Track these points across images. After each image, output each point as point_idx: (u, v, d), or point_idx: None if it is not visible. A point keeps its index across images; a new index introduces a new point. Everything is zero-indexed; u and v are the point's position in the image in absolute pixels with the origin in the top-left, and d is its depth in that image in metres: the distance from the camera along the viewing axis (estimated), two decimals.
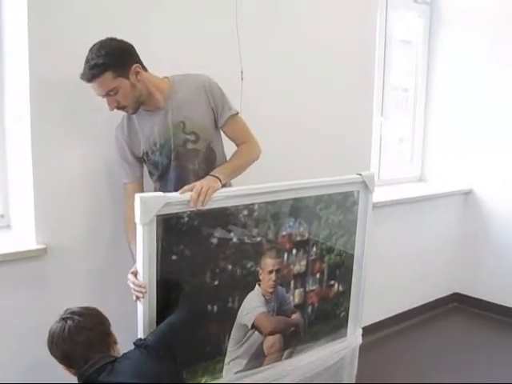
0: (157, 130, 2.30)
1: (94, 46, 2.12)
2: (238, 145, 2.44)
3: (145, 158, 2.35)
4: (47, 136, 2.40)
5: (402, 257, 4.11)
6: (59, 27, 2.37)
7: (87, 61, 2.10)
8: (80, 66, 2.15)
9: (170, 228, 2.06)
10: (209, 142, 2.37)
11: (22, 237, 2.50)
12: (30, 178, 2.39)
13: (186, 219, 2.10)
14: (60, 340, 1.90)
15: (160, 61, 2.57)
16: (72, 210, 2.50)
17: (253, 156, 2.43)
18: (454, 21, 4.42)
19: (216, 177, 2.20)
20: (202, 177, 2.23)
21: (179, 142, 2.30)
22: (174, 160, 2.31)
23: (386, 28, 4.11)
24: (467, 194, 4.48)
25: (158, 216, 2.00)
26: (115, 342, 1.98)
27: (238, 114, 2.42)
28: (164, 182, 2.36)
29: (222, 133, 2.46)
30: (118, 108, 2.20)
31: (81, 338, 1.88)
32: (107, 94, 2.15)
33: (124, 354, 1.97)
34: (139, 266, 2.02)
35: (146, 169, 2.45)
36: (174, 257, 2.10)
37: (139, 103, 2.24)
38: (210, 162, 2.38)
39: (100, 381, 1.82)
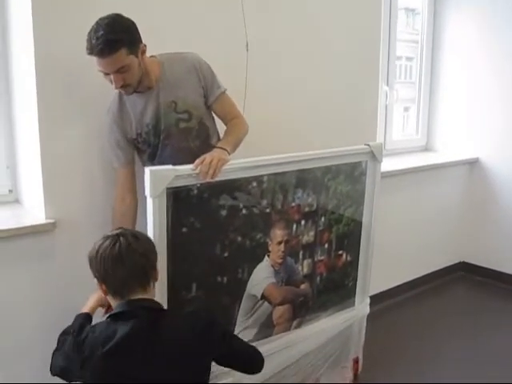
0: (148, 110, 2.30)
1: (102, 20, 2.05)
2: (227, 121, 2.44)
3: (139, 139, 2.33)
4: (54, 111, 2.39)
5: (408, 226, 4.12)
6: (64, 5, 2.34)
7: (99, 36, 2.01)
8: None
9: (179, 200, 2.05)
10: (200, 119, 2.37)
11: (31, 211, 2.52)
12: (37, 153, 2.38)
13: (196, 191, 2.10)
14: (105, 257, 1.76)
15: (164, 33, 2.57)
16: (81, 184, 2.50)
17: (246, 130, 2.44)
18: None
19: (224, 149, 2.19)
20: (198, 152, 2.22)
21: (171, 121, 2.31)
22: (165, 139, 2.32)
23: None
24: (473, 163, 4.47)
25: (167, 189, 2.00)
26: (156, 279, 1.84)
27: (226, 91, 2.42)
28: (156, 161, 2.33)
29: None
30: (122, 86, 2.16)
31: (128, 262, 1.74)
32: (117, 71, 2.09)
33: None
34: None
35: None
36: (184, 229, 2.10)
37: (139, 82, 2.21)
38: (203, 137, 2.40)
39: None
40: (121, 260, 1.74)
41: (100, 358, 1.64)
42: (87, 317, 1.97)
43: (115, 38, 2.03)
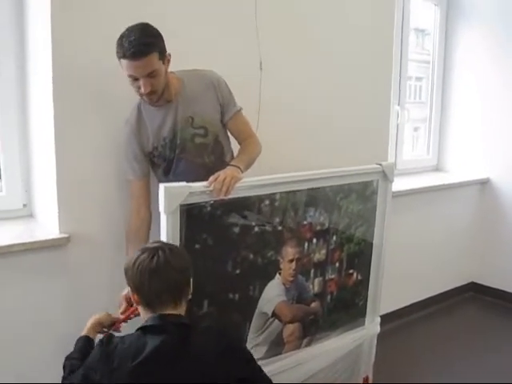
0: (166, 124, 2.32)
1: (133, 27, 2.10)
2: (242, 139, 2.48)
3: (155, 153, 2.36)
4: (70, 125, 2.41)
5: (418, 246, 4.11)
6: (82, 6, 2.37)
7: (132, 40, 2.06)
8: (104, 49, 2.21)
9: (193, 217, 2.07)
10: (216, 136, 2.41)
11: (46, 226, 2.53)
12: (53, 167, 2.40)
13: (209, 208, 2.12)
14: (142, 269, 1.75)
15: (179, 51, 2.58)
16: (96, 198, 2.51)
17: (259, 150, 2.47)
18: (472, 9, 4.38)
19: (237, 167, 2.22)
20: (212, 168, 2.26)
21: (187, 136, 2.34)
22: (180, 153, 2.34)
23: (403, 17, 4.09)
24: (484, 183, 4.47)
25: (181, 205, 2.02)
26: (188, 296, 1.84)
27: (241, 110, 2.46)
28: (171, 176, 2.36)
29: None
30: (148, 93, 2.18)
31: (164, 276, 1.74)
32: (147, 75, 2.12)
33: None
34: None
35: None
36: (196, 245, 2.12)
37: (163, 92, 2.24)
38: (217, 153, 2.42)
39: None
40: (157, 273, 1.74)
41: (129, 370, 1.64)
42: (87, 339, 1.96)
43: (148, 41, 2.09)
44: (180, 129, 2.32)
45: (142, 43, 2.07)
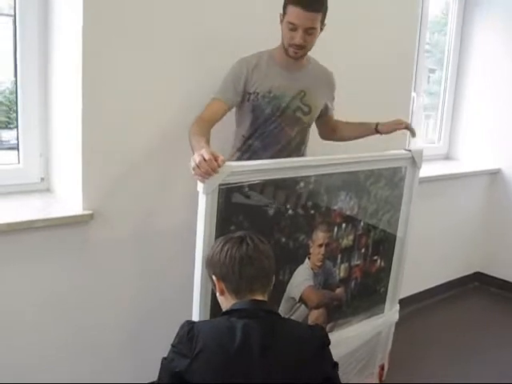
0: (280, 81, 2.38)
1: None
2: (333, 125, 2.71)
3: (252, 97, 2.37)
4: (101, 88, 2.32)
5: (426, 234, 4.05)
6: None
7: None
8: None
9: (230, 197, 2.01)
10: (311, 122, 2.55)
11: (65, 201, 2.46)
12: (78, 141, 2.33)
13: (246, 189, 2.06)
14: (232, 255, 1.72)
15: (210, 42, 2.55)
16: (120, 174, 2.45)
17: None
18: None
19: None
20: (292, 145, 2.46)
21: (292, 106, 2.42)
22: (279, 117, 2.40)
23: (422, 8, 4.02)
24: (495, 173, 4.45)
25: (221, 185, 1.95)
26: (272, 284, 1.82)
27: None
28: (254, 130, 2.42)
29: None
30: (300, 46, 2.29)
31: (257, 262, 1.73)
32: (307, 29, 2.24)
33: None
34: (199, 236, 1.97)
35: None
36: (232, 227, 2.05)
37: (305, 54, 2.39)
38: (303, 138, 2.53)
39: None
40: (249, 260, 1.72)
41: (219, 353, 1.60)
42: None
43: (323, 1, 2.26)
44: (292, 96, 2.41)
45: (316, 1, 2.23)
